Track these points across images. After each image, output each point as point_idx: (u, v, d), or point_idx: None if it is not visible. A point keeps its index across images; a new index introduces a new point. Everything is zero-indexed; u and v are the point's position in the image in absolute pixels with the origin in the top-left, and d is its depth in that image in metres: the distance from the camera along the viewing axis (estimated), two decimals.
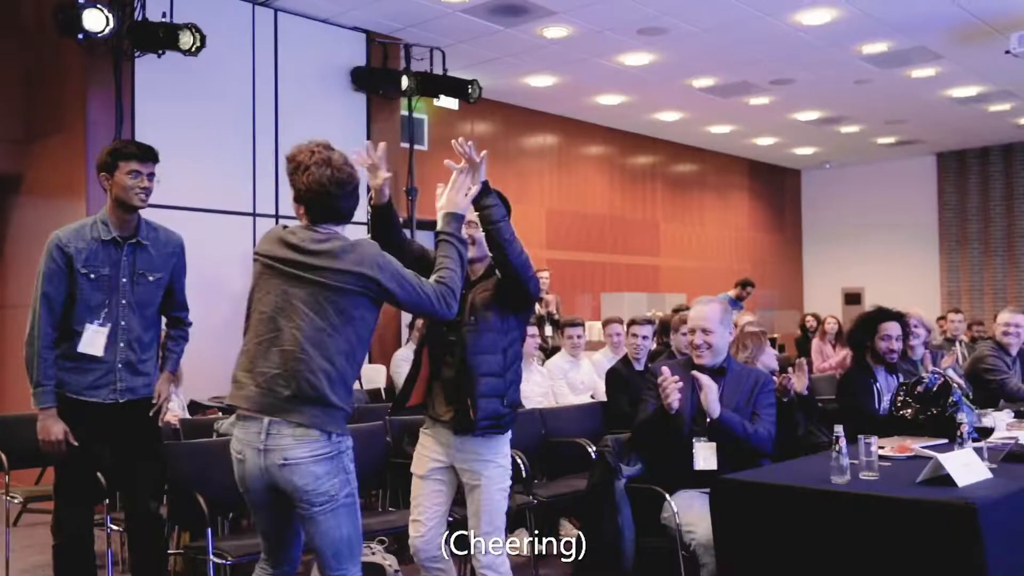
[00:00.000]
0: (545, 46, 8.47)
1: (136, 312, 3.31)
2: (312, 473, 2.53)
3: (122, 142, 3.39)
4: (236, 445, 2.65)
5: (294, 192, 2.70)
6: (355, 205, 2.75)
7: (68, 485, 3.30)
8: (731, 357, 3.72)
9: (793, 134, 12.73)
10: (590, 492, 3.57)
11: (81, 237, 3.26)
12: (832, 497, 2.77)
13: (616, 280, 12.19)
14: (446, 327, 3.11)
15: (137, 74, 6.37)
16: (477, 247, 3.19)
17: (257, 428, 2.58)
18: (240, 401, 2.63)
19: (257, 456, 2.57)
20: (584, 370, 6.35)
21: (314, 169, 2.62)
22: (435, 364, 3.18)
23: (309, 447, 2.54)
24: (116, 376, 3.27)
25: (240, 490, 2.68)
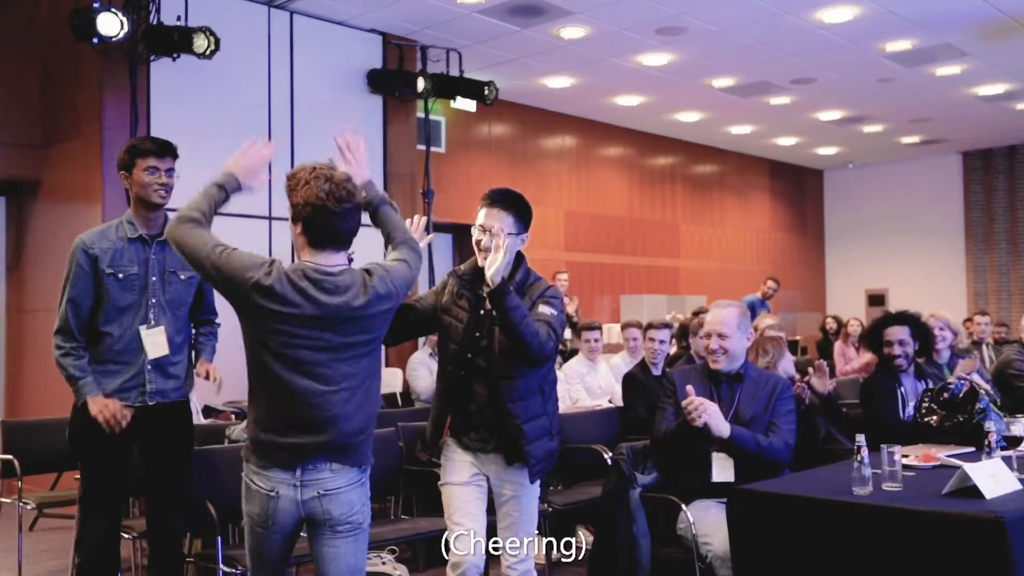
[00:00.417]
0: (562, 47, 8.40)
1: (168, 312, 3.23)
2: (349, 501, 2.54)
3: (139, 139, 3.31)
4: (266, 484, 2.54)
5: (292, 211, 2.55)
6: (355, 228, 2.60)
7: (94, 492, 3.20)
8: (749, 363, 3.63)
9: (815, 134, 12.57)
10: (604, 500, 3.49)
11: (106, 238, 3.20)
12: (853, 509, 2.68)
13: (635, 282, 12.09)
14: (470, 354, 2.95)
15: (153, 78, 6.37)
16: (488, 256, 2.94)
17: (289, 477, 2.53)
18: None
19: (293, 491, 2.51)
20: (601, 374, 6.28)
21: (313, 183, 2.51)
22: (461, 394, 2.99)
23: (346, 477, 2.54)
24: (145, 378, 3.20)
25: (259, 528, 2.57)
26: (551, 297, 3.01)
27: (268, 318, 2.44)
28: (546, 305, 2.97)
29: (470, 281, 3.02)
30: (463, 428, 3.00)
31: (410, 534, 3.88)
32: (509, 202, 3.03)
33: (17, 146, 6.67)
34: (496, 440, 2.93)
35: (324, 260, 2.52)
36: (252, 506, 2.58)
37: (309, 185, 2.52)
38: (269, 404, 2.52)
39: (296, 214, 2.54)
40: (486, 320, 2.95)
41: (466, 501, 2.98)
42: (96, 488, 3.20)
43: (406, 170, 8.06)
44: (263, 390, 2.53)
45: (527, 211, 3.08)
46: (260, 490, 2.54)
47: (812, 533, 2.74)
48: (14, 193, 6.97)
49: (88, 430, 3.15)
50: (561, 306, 3.01)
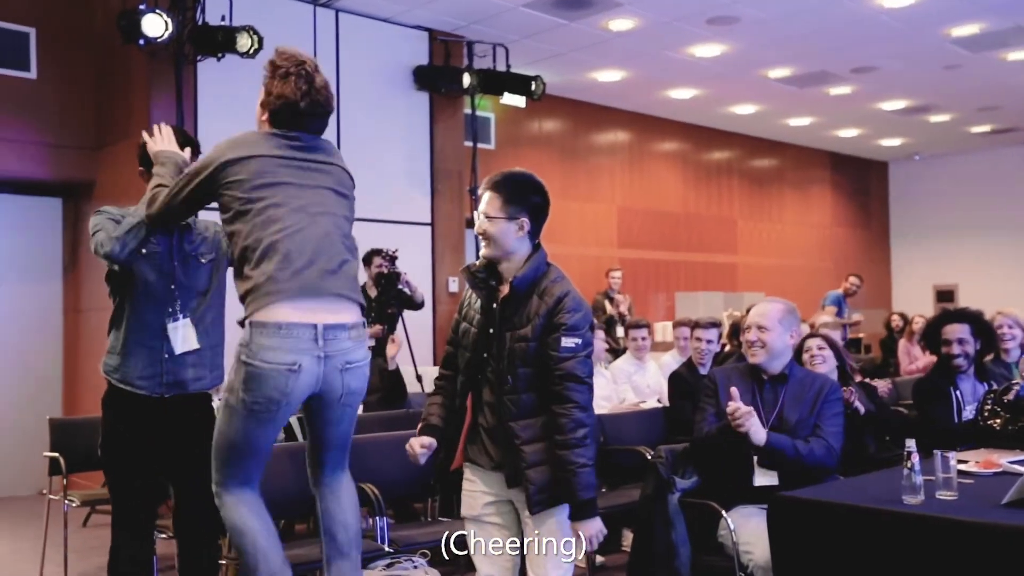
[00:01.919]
0: (611, 39, 8.24)
1: (193, 297, 3.09)
2: (364, 375, 2.61)
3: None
4: (286, 357, 2.47)
5: (263, 95, 2.71)
6: (320, 132, 2.80)
7: (127, 512, 3.06)
8: (794, 363, 3.45)
9: (878, 125, 12.15)
10: (642, 505, 3.36)
11: (125, 213, 3.05)
12: (902, 519, 2.49)
13: (691, 279, 11.85)
14: (485, 353, 2.64)
15: (199, 78, 6.43)
16: (493, 244, 2.62)
17: (310, 334, 2.49)
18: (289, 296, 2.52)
19: (316, 364, 2.48)
20: (650, 373, 6.12)
21: (293, 80, 2.65)
22: (473, 404, 2.70)
23: (363, 350, 2.57)
24: (163, 368, 3.03)
25: (263, 413, 2.52)
26: (573, 325, 2.53)
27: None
28: (570, 337, 2.52)
29: (484, 278, 2.69)
30: (472, 441, 2.71)
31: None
32: (499, 184, 2.63)
33: (72, 149, 6.81)
34: (501, 457, 2.60)
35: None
36: (258, 391, 2.49)
37: (288, 80, 2.64)
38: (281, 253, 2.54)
39: (266, 102, 2.68)
40: (495, 320, 2.63)
41: (483, 540, 2.70)
42: (129, 508, 3.07)
43: (453, 167, 8.01)
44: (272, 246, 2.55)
45: (526, 193, 2.62)
46: (275, 368, 2.47)
47: (858, 544, 2.57)
48: (70, 195, 7.12)
49: (120, 438, 3.06)
50: (586, 324, 2.59)
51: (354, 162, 8.42)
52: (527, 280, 2.59)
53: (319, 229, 2.63)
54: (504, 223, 2.59)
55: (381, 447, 4.15)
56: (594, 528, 2.53)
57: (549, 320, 2.55)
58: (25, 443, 6.30)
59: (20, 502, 6.54)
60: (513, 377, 2.55)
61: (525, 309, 2.58)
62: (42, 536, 4.85)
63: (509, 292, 2.59)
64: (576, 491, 2.48)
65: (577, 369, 2.52)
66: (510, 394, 2.55)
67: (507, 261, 2.62)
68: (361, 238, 7.11)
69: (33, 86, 6.65)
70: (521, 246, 2.61)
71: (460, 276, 8.75)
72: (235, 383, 2.54)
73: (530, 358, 2.54)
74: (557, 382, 2.52)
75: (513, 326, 2.58)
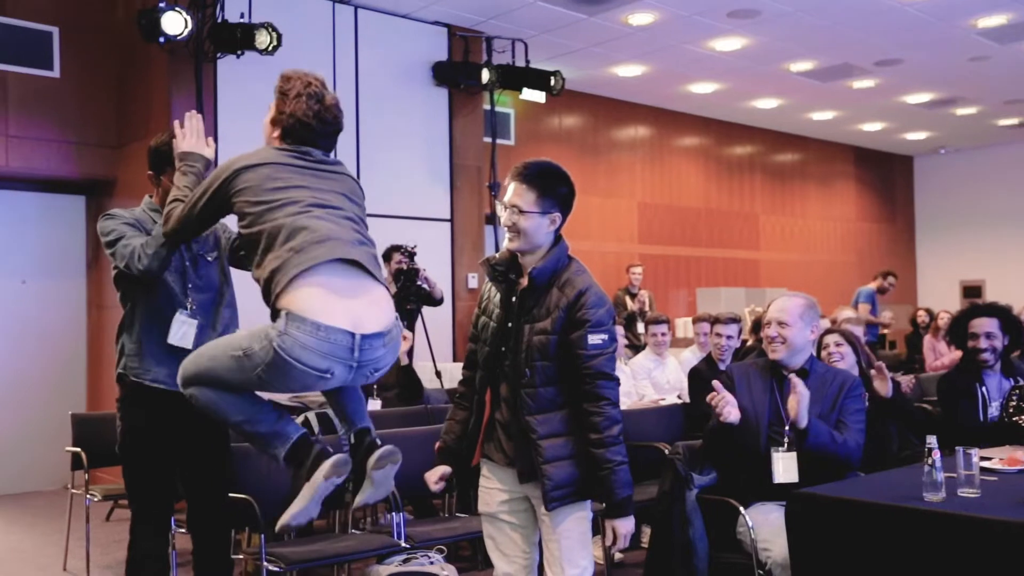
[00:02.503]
0: (631, 34, 8.19)
1: (204, 296, 3.09)
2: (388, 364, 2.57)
3: (167, 140, 3.12)
4: (320, 363, 2.36)
5: (275, 114, 2.69)
6: (329, 150, 2.78)
7: (146, 509, 3.07)
8: (815, 358, 3.41)
9: (903, 118, 11.99)
10: (659, 502, 3.33)
11: (136, 217, 3.08)
12: (923, 517, 2.45)
13: (712, 275, 11.77)
14: (503, 347, 2.59)
15: (219, 75, 6.46)
16: (523, 238, 2.56)
17: (347, 343, 2.38)
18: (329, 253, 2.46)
19: (347, 372, 2.43)
20: (670, 369, 6.09)
21: (305, 100, 2.65)
22: (492, 398, 2.65)
23: (394, 353, 2.54)
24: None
25: (281, 387, 2.51)
26: (598, 321, 2.49)
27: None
28: (596, 333, 2.48)
29: (503, 271, 2.63)
30: (488, 436, 2.66)
31: (459, 533, 3.79)
32: (531, 177, 2.55)
33: (95, 146, 6.86)
34: (516, 451, 2.56)
35: None
36: (279, 380, 2.42)
37: (300, 99, 2.64)
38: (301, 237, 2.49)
39: (278, 119, 2.66)
40: (514, 313, 2.58)
41: (498, 538, 2.67)
42: (147, 503, 3.08)
43: (472, 163, 8.00)
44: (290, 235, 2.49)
45: (557, 186, 2.57)
46: (306, 370, 2.36)
47: (877, 542, 2.53)
48: (93, 192, 7.18)
49: (139, 434, 3.06)
50: (610, 319, 2.55)
51: (373, 159, 8.48)
52: (547, 271, 2.54)
53: (338, 222, 2.57)
54: (538, 218, 2.53)
55: (397, 443, 4.11)
56: (628, 526, 2.51)
57: (570, 314, 2.50)
58: (50, 438, 6.36)
59: (45, 496, 6.62)
60: (531, 370, 2.51)
61: (545, 301, 2.53)
62: (65, 530, 4.91)
63: (528, 283, 2.55)
64: (614, 489, 2.46)
65: (606, 366, 2.49)
66: (527, 388, 2.52)
67: (531, 254, 2.58)
68: (380, 234, 7.08)
69: (56, 85, 6.71)
70: (547, 240, 2.57)
71: (480, 270, 8.71)
72: (257, 356, 2.38)
73: (549, 351, 2.50)
74: (587, 380, 2.48)
75: (532, 318, 2.54)
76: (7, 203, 6.96)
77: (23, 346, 6.92)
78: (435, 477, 2.72)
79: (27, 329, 6.94)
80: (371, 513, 4.96)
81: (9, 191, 6.96)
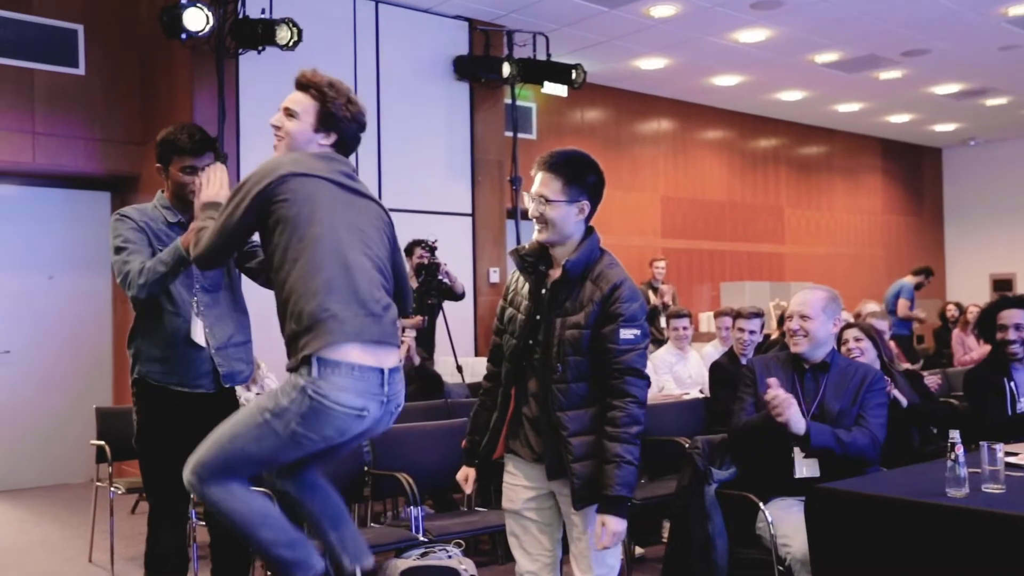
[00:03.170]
0: (653, 26, 8.13)
1: (209, 295, 3.08)
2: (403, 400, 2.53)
3: (175, 132, 3.11)
4: (356, 401, 2.33)
5: (327, 118, 2.61)
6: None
7: (163, 503, 3.08)
8: (836, 352, 3.37)
9: (931, 109, 11.82)
10: (678, 497, 3.30)
11: (148, 216, 3.07)
12: (945, 513, 2.40)
13: (737, 269, 11.68)
14: (531, 340, 2.55)
15: (241, 71, 6.49)
16: (551, 228, 2.51)
17: (378, 379, 2.37)
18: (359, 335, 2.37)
19: (379, 408, 2.38)
20: (692, 363, 6.05)
21: (358, 105, 2.66)
22: (517, 393, 2.61)
23: (404, 389, 2.51)
24: (215, 362, 3.04)
25: (320, 440, 2.36)
26: (631, 316, 2.45)
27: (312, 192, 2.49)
28: (628, 328, 2.44)
29: (533, 262, 2.58)
30: (514, 432, 2.62)
31: (477, 528, 3.79)
32: (557, 165, 2.50)
33: (119, 143, 6.93)
34: (544, 447, 2.52)
35: None
36: (318, 430, 2.32)
37: (354, 104, 2.64)
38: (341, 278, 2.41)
39: (336, 124, 2.60)
40: (544, 305, 2.53)
41: (522, 536, 2.63)
42: (165, 498, 3.08)
43: (493, 157, 7.98)
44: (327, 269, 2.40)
45: (585, 174, 2.51)
46: (345, 411, 2.32)
47: (899, 538, 2.49)
48: (118, 188, 7.25)
49: (156, 431, 3.07)
50: (643, 314, 2.51)
51: (395, 153, 8.49)
52: (580, 264, 2.49)
53: (368, 269, 2.48)
54: (565, 207, 2.48)
55: (417, 437, 4.16)
56: (620, 526, 2.43)
57: (604, 308, 2.45)
58: (77, 432, 6.44)
59: (73, 489, 6.70)
60: (563, 366, 2.46)
61: (578, 295, 2.48)
62: (91, 522, 4.97)
63: (560, 276, 2.50)
64: (612, 484, 2.40)
65: (637, 362, 2.45)
66: (559, 383, 2.47)
67: (561, 245, 2.52)
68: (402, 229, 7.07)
69: (81, 82, 6.78)
70: (577, 230, 2.52)
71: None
72: (289, 411, 2.32)
73: (582, 346, 2.45)
74: (616, 375, 2.43)
75: (565, 312, 2.49)
76: (34, 199, 7.05)
77: (50, 341, 7.01)
78: (469, 483, 2.72)
79: (54, 324, 7.04)
80: (392, 507, 4.97)
81: (36, 187, 7.05)
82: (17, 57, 6.51)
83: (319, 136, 2.58)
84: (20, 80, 6.53)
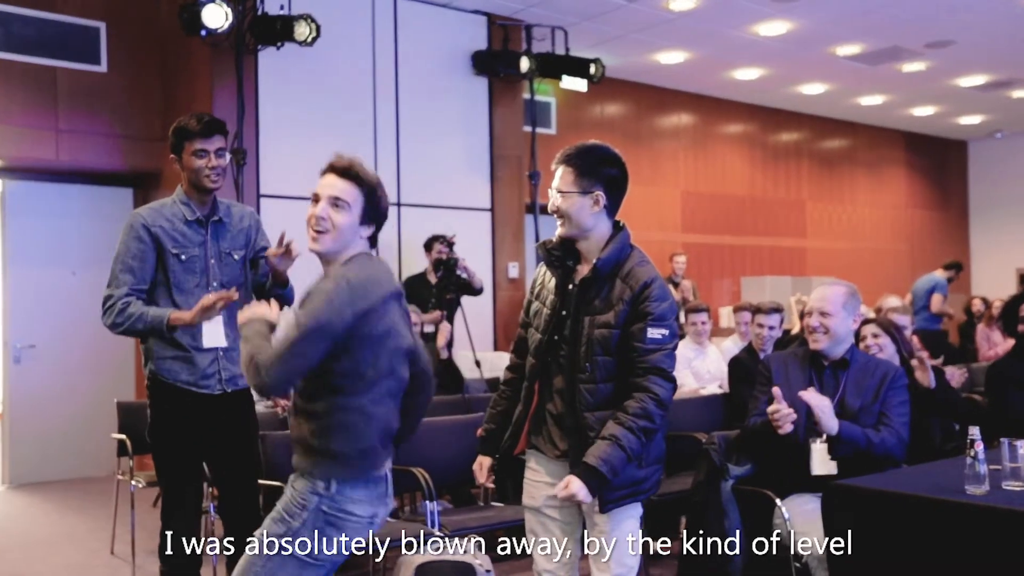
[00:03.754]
0: (673, 20, 8.07)
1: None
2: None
3: (185, 119, 3.09)
4: (367, 510, 2.25)
5: (374, 214, 2.32)
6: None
7: (176, 500, 3.09)
8: (856, 348, 3.33)
9: (956, 102, 11.66)
10: (694, 492, 3.29)
11: (163, 216, 3.07)
12: (964, 510, 2.38)
13: (758, 263, 11.60)
14: (556, 336, 2.51)
15: (260, 68, 6.52)
16: (568, 222, 2.48)
17: (385, 488, 2.32)
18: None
19: (384, 511, 2.32)
20: (711, 358, 6.00)
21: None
22: (541, 389, 2.57)
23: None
24: (219, 365, 3.08)
25: (334, 557, 2.26)
26: (660, 315, 2.40)
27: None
28: (656, 327, 2.39)
29: (560, 256, 2.54)
30: (536, 427, 2.58)
31: (493, 523, 3.79)
32: (571, 157, 2.48)
33: (141, 139, 6.98)
34: (568, 446, 2.47)
35: None
36: (335, 546, 2.20)
37: (387, 195, 2.39)
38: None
39: (379, 218, 2.34)
40: (571, 302, 2.49)
41: (541, 534, 2.60)
42: (177, 493, 3.09)
43: (512, 152, 7.97)
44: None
45: (599, 166, 2.48)
46: (359, 521, 2.24)
47: (917, 536, 2.46)
48: (140, 185, 7.32)
49: (168, 430, 3.09)
50: (672, 314, 2.45)
51: (413, 149, 8.48)
52: (610, 262, 2.45)
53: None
54: (578, 198, 2.46)
55: (435, 432, 4.17)
56: (578, 490, 2.33)
57: (633, 307, 2.41)
58: (100, 426, 6.50)
59: (96, 482, 6.78)
60: (592, 365, 2.42)
61: (607, 293, 2.44)
62: (113, 515, 5.03)
63: (590, 274, 2.46)
64: (598, 455, 2.34)
65: (663, 362, 2.40)
66: (587, 383, 2.43)
67: (584, 240, 2.49)
68: (421, 224, 7.15)
69: (103, 79, 6.84)
70: (598, 223, 2.48)
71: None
72: (302, 533, 2.19)
73: (611, 346, 2.41)
74: (640, 374, 2.40)
75: (594, 311, 2.45)
76: (58, 196, 7.12)
77: (74, 335, 7.08)
78: (483, 471, 2.69)
79: (77, 319, 7.10)
80: (409, 502, 4.99)
81: (59, 184, 7.13)
82: (41, 55, 6.58)
83: (362, 229, 2.31)
84: (43, 78, 6.60)
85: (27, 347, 6.99)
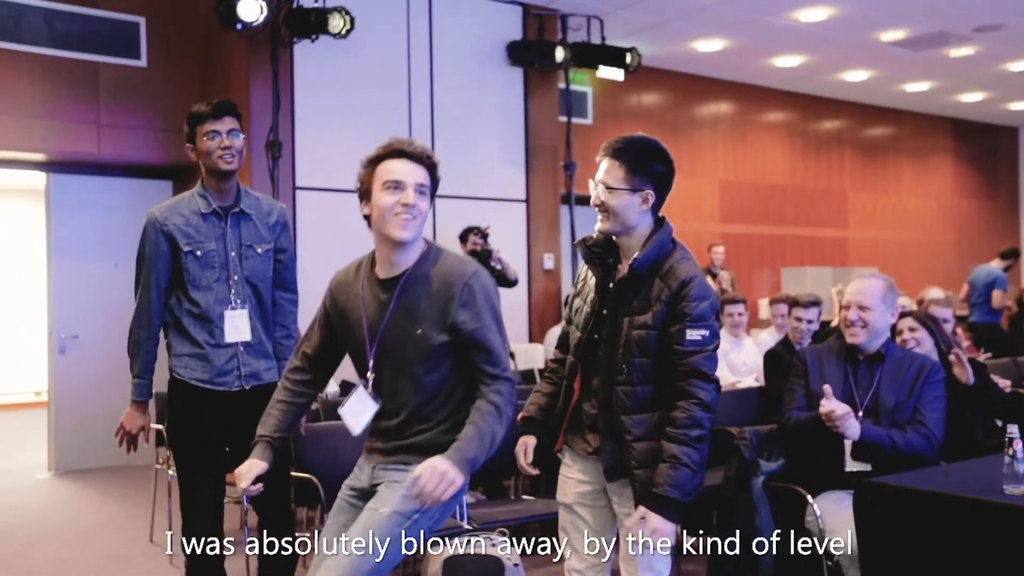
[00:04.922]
0: (710, 7, 7.96)
1: (249, 289, 3.05)
2: None
3: (196, 105, 3.09)
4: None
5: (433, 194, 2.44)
6: None
7: (190, 471, 3.06)
8: (892, 342, 3.26)
9: (1006, 87, 11.34)
10: (725, 488, 3.24)
11: (178, 213, 3.03)
12: (1002, 510, 2.31)
13: (798, 254, 11.43)
14: (596, 335, 2.48)
15: (296, 60, 6.56)
16: (612, 218, 2.41)
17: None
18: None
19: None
20: (747, 350, 5.93)
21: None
22: (581, 388, 2.54)
23: None
24: (240, 360, 3.04)
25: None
26: (699, 315, 2.34)
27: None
28: (696, 328, 2.33)
29: (600, 253, 2.49)
30: (573, 425, 2.55)
31: (523, 516, 3.78)
32: (621, 151, 2.39)
33: (180, 133, 6.92)
34: (603, 448, 2.44)
35: None
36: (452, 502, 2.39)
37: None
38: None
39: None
40: (610, 301, 2.43)
41: (572, 533, 2.57)
42: (198, 488, 3.05)
43: (548, 142, 7.93)
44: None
45: (650, 162, 2.40)
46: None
47: (952, 536, 2.40)
48: (179, 177, 7.42)
49: (182, 429, 3.09)
50: (712, 313, 2.39)
51: (448, 140, 8.46)
52: (647, 262, 2.38)
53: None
54: (627, 195, 2.37)
55: None
56: (662, 525, 2.30)
57: (671, 307, 2.34)
58: None
59: (137, 471, 6.89)
60: (629, 367, 2.37)
61: (646, 293, 2.38)
62: (151, 504, 5.12)
63: (628, 273, 2.40)
64: (663, 483, 2.29)
65: (703, 364, 2.33)
66: (624, 385, 2.38)
67: (627, 236, 2.42)
68: (455, 215, 7.12)
69: (143, 74, 6.93)
70: (643, 221, 2.40)
71: (556, 251, 8.77)
72: (422, 519, 2.35)
73: (650, 348, 2.36)
74: (681, 377, 2.33)
75: (632, 311, 2.39)
76: (100, 189, 7.25)
77: (117, 327, 7.11)
78: (527, 452, 2.61)
79: (120, 310, 7.14)
80: None
81: (101, 177, 7.25)
82: (83, 51, 6.69)
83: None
84: (85, 73, 6.71)
85: (71, 337, 7.13)
